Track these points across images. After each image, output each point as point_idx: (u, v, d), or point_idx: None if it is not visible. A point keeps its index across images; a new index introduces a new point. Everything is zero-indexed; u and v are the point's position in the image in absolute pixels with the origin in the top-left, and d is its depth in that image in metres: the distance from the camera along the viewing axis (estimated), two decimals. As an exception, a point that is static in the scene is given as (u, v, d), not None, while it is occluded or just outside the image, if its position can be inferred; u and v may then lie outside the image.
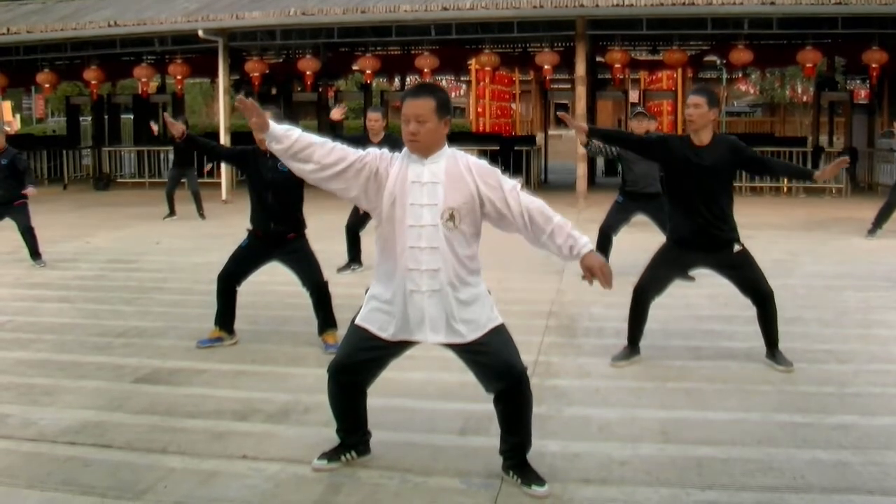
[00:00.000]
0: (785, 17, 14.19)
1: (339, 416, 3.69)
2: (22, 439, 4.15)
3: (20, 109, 41.67)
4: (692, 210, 5.06)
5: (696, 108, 4.98)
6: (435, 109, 3.34)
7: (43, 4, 19.50)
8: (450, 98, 3.50)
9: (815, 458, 3.82)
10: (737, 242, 5.15)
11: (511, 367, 3.44)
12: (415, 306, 3.38)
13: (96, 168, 21.46)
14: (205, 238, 11.22)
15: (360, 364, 3.55)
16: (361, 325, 3.51)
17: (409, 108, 3.34)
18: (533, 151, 18.66)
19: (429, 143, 3.37)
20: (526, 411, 3.52)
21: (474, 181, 3.38)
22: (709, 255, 5.17)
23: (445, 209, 3.34)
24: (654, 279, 5.27)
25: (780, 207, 14.41)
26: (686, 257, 5.24)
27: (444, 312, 3.39)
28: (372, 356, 3.54)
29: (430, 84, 3.66)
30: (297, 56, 19.23)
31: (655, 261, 5.33)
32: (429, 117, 3.33)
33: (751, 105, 43.88)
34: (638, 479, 3.64)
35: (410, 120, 3.34)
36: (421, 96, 3.36)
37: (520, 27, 15.78)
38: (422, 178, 3.35)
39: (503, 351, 3.45)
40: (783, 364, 5.14)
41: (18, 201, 9.07)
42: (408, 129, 3.34)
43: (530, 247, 3.57)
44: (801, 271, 8.39)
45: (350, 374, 3.56)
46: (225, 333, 5.78)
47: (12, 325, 6.53)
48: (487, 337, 3.43)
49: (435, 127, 3.35)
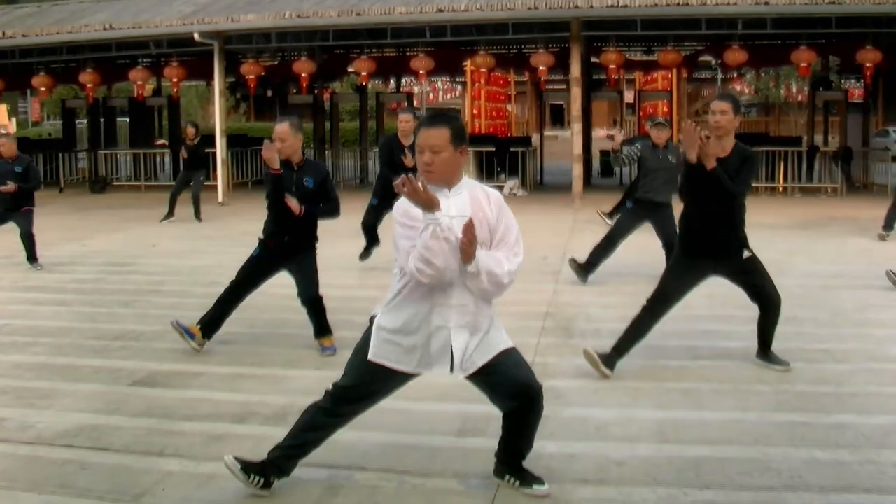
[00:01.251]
0: (779, 17, 14.24)
1: (302, 435, 3.49)
2: (19, 442, 4.15)
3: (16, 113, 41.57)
4: (708, 217, 5.00)
5: (723, 115, 4.93)
6: (450, 139, 3.24)
7: (39, 8, 19.50)
8: (465, 126, 3.41)
9: (813, 458, 3.83)
10: (746, 248, 5.13)
11: (528, 385, 3.41)
12: (439, 341, 3.32)
13: (92, 171, 21.43)
14: (201, 241, 11.22)
15: (370, 396, 3.48)
16: (376, 362, 3.38)
17: (423, 139, 3.25)
18: (529, 152, 18.68)
19: (445, 174, 3.27)
20: (535, 426, 3.52)
21: (492, 213, 3.32)
22: (719, 261, 5.13)
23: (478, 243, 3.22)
24: (669, 291, 5.20)
25: (776, 206, 14.43)
26: (697, 265, 5.17)
27: (469, 346, 3.34)
28: (383, 388, 3.48)
29: (445, 113, 3.51)
30: (293, 58, 19.20)
31: (669, 272, 5.31)
32: (444, 147, 3.23)
33: (746, 105, 43.82)
34: (636, 480, 3.64)
35: (425, 150, 3.24)
36: (435, 126, 3.25)
37: (515, 28, 15.81)
38: (449, 211, 3.21)
39: (517, 371, 3.42)
40: (779, 364, 5.15)
41: (25, 208, 9.13)
42: (422, 159, 3.25)
43: (527, 249, 3.56)
44: (796, 271, 8.41)
45: (354, 404, 3.48)
46: (200, 336, 5.69)
47: (9, 328, 6.52)
48: (498, 358, 3.38)
49: (450, 157, 3.25)
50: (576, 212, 13.68)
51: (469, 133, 24.57)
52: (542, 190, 18.87)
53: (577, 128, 15.54)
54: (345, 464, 3.80)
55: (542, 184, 19.89)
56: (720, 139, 4.97)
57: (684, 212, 5.22)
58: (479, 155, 18.14)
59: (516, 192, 17.28)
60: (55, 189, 19.85)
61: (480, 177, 17.96)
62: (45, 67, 18.92)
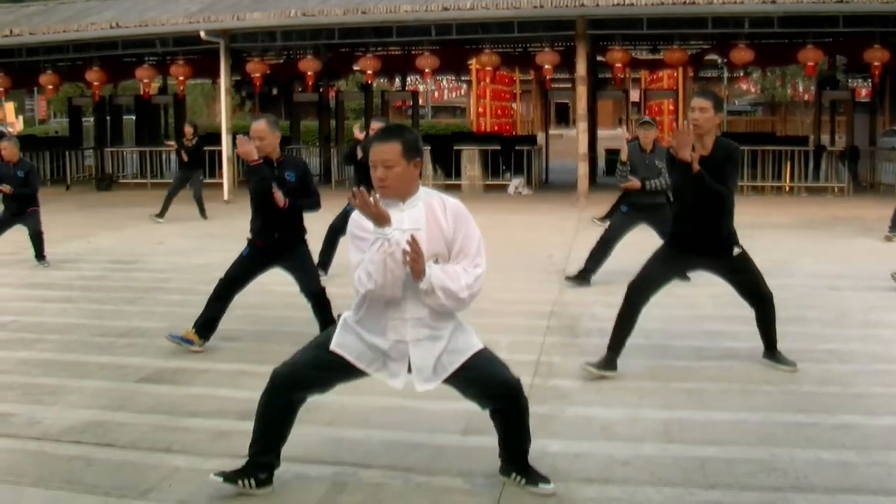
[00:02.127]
0: (786, 15, 14.19)
1: (262, 428, 3.47)
2: (26, 438, 4.17)
3: (23, 111, 41.72)
4: (695, 216, 4.97)
5: (702, 112, 4.84)
6: (402, 153, 3.22)
7: (45, 6, 19.53)
8: (419, 138, 3.36)
9: (819, 459, 3.82)
10: (736, 246, 5.10)
11: (504, 381, 3.41)
12: (401, 355, 3.32)
13: (99, 169, 21.47)
14: (207, 238, 11.24)
15: (315, 379, 3.46)
16: (336, 352, 3.40)
17: (375, 154, 3.24)
18: (534, 151, 18.67)
19: (399, 188, 3.26)
20: (525, 420, 3.50)
21: (448, 224, 3.28)
22: (708, 259, 5.11)
23: (430, 256, 3.21)
24: (651, 278, 5.14)
25: (782, 206, 14.41)
26: (685, 260, 5.17)
27: (430, 358, 3.33)
28: (332, 377, 3.47)
29: (397, 126, 3.49)
30: (298, 57, 19.23)
31: (654, 260, 5.23)
32: (396, 161, 3.21)
33: (752, 104, 43.91)
34: (641, 479, 3.64)
35: (378, 165, 3.23)
36: (387, 141, 3.24)
37: (520, 27, 15.78)
38: (402, 225, 3.21)
39: (491, 368, 3.41)
40: (786, 364, 5.14)
41: (31, 209, 9.18)
42: (376, 174, 3.23)
43: (532, 248, 3.55)
44: (802, 271, 8.40)
45: (298, 387, 3.45)
46: (198, 338, 5.71)
47: (16, 325, 6.55)
48: (471, 361, 3.37)
49: (403, 171, 3.23)
50: (581, 211, 13.66)
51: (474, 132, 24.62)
52: (548, 189, 18.85)
53: (582, 126, 15.52)
54: (350, 461, 3.82)
55: (547, 182, 19.87)
56: (701, 137, 4.88)
57: (674, 210, 5.22)
58: (485, 154, 18.13)
59: (521, 190, 17.27)
60: (62, 187, 19.90)
61: (486, 175, 17.99)
62: (51, 65, 18.96)
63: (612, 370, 5.03)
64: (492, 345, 5.65)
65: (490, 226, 12.84)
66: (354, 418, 4.37)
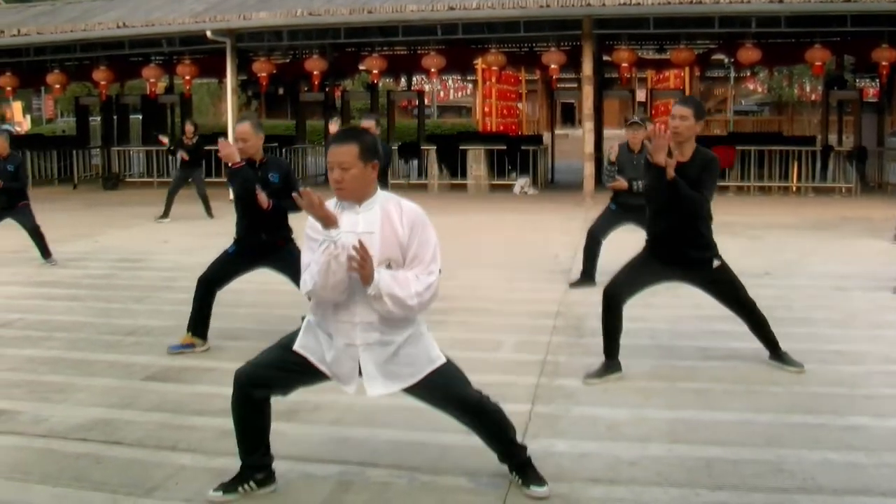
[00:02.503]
0: (793, 15, 14.17)
1: (240, 430, 3.47)
2: (34, 436, 4.18)
3: (30, 110, 41.84)
4: (668, 219, 4.86)
5: (682, 120, 4.72)
6: (358, 155, 3.20)
7: (52, 6, 19.59)
8: (376, 141, 3.35)
9: (826, 460, 3.81)
10: (716, 258, 5.00)
11: (463, 400, 3.40)
12: (349, 358, 3.30)
13: (105, 168, 21.53)
14: (213, 237, 11.20)
15: (278, 379, 3.44)
16: (300, 353, 3.39)
17: (332, 156, 3.22)
18: (540, 151, 18.65)
19: (355, 190, 3.24)
20: (496, 428, 3.48)
21: (403, 229, 3.24)
22: (686, 271, 5.01)
23: (382, 260, 3.20)
24: (628, 282, 5.05)
25: (789, 206, 14.37)
26: (664, 270, 5.03)
27: (380, 363, 3.31)
28: (295, 378, 3.46)
29: (354, 129, 3.47)
30: (304, 56, 19.23)
31: (633, 264, 5.11)
32: (353, 164, 3.19)
33: (758, 104, 43.76)
34: (647, 480, 3.63)
35: (334, 167, 3.21)
36: (343, 143, 3.22)
37: (526, 27, 15.79)
38: (356, 227, 3.21)
39: (449, 387, 3.39)
40: (793, 365, 5.10)
41: (21, 203, 9.16)
42: (332, 176, 3.23)
43: (538, 248, 3.55)
44: (809, 271, 8.37)
45: (261, 386, 3.41)
46: (198, 339, 5.72)
47: (23, 322, 6.57)
48: (429, 378, 3.35)
49: (360, 173, 3.21)
50: (587, 210, 13.63)
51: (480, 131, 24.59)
52: (553, 188, 18.83)
53: (588, 126, 15.51)
54: (356, 460, 3.82)
55: (552, 182, 19.86)
56: (680, 145, 4.78)
57: (649, 216, 5.06)
58: (490, 153, 18.12)
59: (527, 190, 17.25)
60: (69, 185, 19.97)
61: (492, 175, 17.98)
62: (58, 65, 19.02)
63: (617, 372, 5.01)
64: (497, 345, 5.72)
65: (495, 225, 12.94)
66: (360, 417, 4.37)
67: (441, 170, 18.59)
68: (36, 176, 19.70)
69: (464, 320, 6.32)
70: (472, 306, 6.71)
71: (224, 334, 5.97)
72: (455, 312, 6.42)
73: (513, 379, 4.91)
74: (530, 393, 4.75)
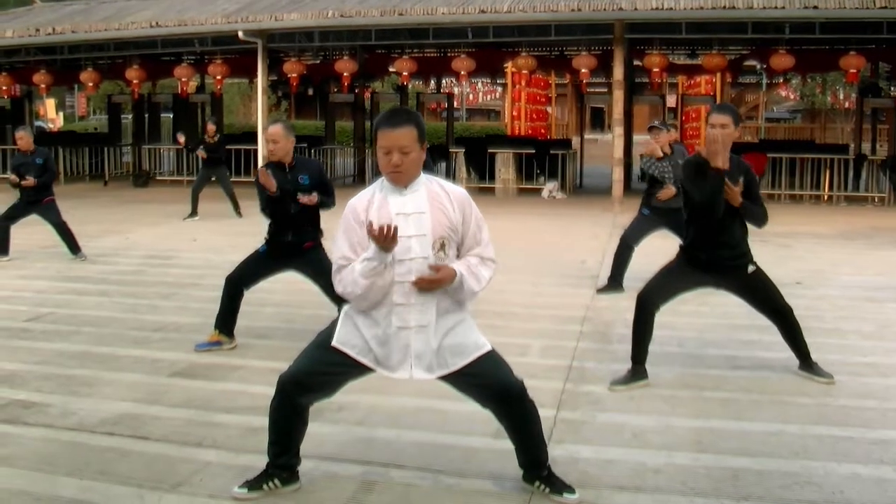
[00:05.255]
0: (827, 21, 14.00)
1: (276, 432, 3.47)
2: (62, 428, 4.23)
3: (63, 107, 42.44)
4: (708, 235, 4.86)
5: (723, 129, 4.67)
6: (417, 138, 3.16)
7: (87, 5, 19.85)
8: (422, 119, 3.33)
9: (855, 473, 3.75)
10: (751, 263, 4.98)
11: (508, 387, 3.34)
12: (400, 343, 3.24)
13: (136, 165, 21.78)
14: (241, 236, 11.29)
15: (323, 384, 3.40)
16: (339, 349, 3.33)
17: (390, 140, 3.13)
18: (569, 155, 18.60)
19: (412, 173, 3.21)
20: (533, 424, 3.43)
21: (454, 208, 3.23)
22: (721, 277, 4.99)
23: (436, 239, 3.18)
24: (663, 289, 5.03)
25: (820, 215, 14.20)
26: (699, 276, 5.02)
27: (431, 347, 3.25)
28: (339, 379, 3.42)
29: (406, 110, 3.38)
30: (335, 57, 19.36)
31: (667, 271, 5.11)
32: (412, 147, 3.15)
33: (791, 111, 43.31)
34: (672, 488, 3.60)
35: (393, 151, 3.13)
36: (401, 125, 3.14)
37: (557, 30, 15.75)
38: (405, 209, 3.19)
39: (495, 373, 3.33)
40: (822, 375, 5.04)
41: (47, 199, 9.26)
42: (390, 161, 3.14)
43: (565, 252, 3.53)
44: (840, 282, 8.26)
45: (307, 392, 3.39)
46: (224, 337, 5.74)
47: (53, 316, 6.65)
48: (476, 363, 3.30)
49: (418, 155, 3.18)
50: (615, 216, 13.57)
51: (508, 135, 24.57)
52: (582, 193, 18.76)
53: (618, 131, 15.43)
54: (381, 461, 3.82)
55: (581, 187, 19.79)
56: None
57: (687, 223, 5.02)
58: (519, 157, 18.09)
59: (555, 195, 17.20)
60: (100, 182, 20.21)
61: (520, 179, 17.94)
62: (92, 63, 19.28)
63: (643, 379, 4.97)
64: (523, 349, 5.70)
65: (523, 230, 12.90)
66: (385, 418, 4.37)
67: (469, 173, 18.59)
68: (67, 172, 19.98)
69: (490, 324, 6.29)
70: (499, 310, 6.69)
71: (251, 332, 6.01)
72: (482, 316, 6.36)
73: (538, 384, 4.85)
74: (556, 398, 4.72)
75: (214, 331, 5.76)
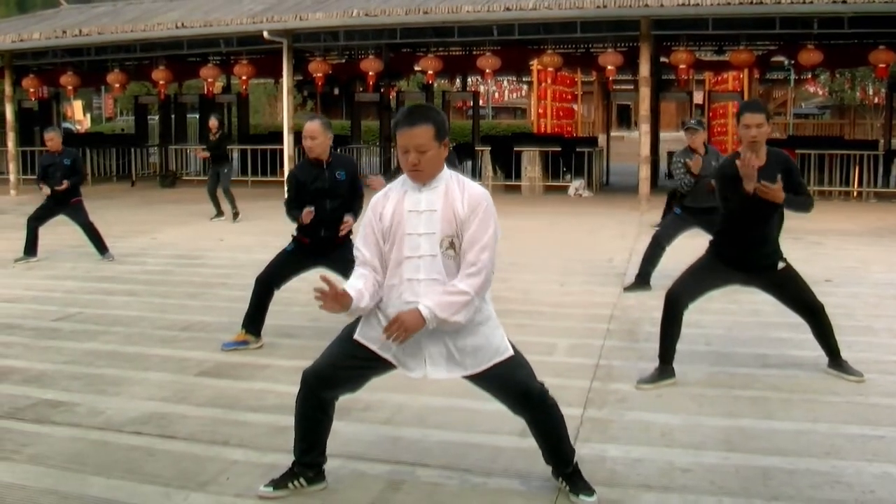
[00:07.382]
0: (856, 15, 13.78)
1: (301, 429, 3.45)
2: (90, 427, 4.27)
3: (90, 108, 42.95)
4: (741, 232, 4.85)
5: (759, 128, 4.69)
6: (434, 136, 3.13)
7: (113, 7, 20.06)
8: (446, 117, 3.28)
9: (886, 473, 3.69)
10: (781, 260, 4.95)
11: (527, 392, 3.28)
12: (414, 341, 3.19)
13: (163, 166, 21.98)
14: (268, 236, 11.36)
15: (345, 378, 3.39)
16: (361, 343, 3.33)
17: (407, 139, 3.11)
18: (595, 153, 18.50)
19: (431, 172, 3.19)
20: (556, 427, 3.38)
21: (463, 207, 3.17)
22: (752, 274, 4.96)
23: (444, 238, 3.15)
24: (691, 286, 5.00)
25: (850, 212, 14.01)
26: (728, 274, 5.00)
27: (443, 347, 3.22)
28: (361, 373, 3.40)
29: (424, 107, 3.31)
30: (360, 57, 19.39)
31: (696, 268, 5.08)
32: (429, 145, 3.12)
33: (819, 107, 42.81)
34: (701, 488, 3.56)
35: (410, 150, 3.12)
36: (418, 124, 3.12)
37: (583, 27, 15.67)
38: (419, 206, 3.18)
39: (513, 380, 3.28)
40: (852, 374, 4.97)
41: (74, 199, 9.35)
42: (408, 160, 3.13)
43: (592, 251, 3.49)
44: (871, 279, 8.14)
45: (330, 386, 3.38)
46: (252, 337, 5.76)
47: (82, 316, 6.72)
48: (493, 369, 3.26)
49: (436, 153, 3.16)
50: (642, 214, 13.49)
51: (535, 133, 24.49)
52: (608, 191, 18.66)
53: (644, 128, 15.31)
54: (407, 460, 3.81)
55: (607, 185, 19.68)
56: (757, 150, 4.74)
57: (723, 225, 5.01)
58: (545, 155, 18.03)
59: (582, 192, 17.12)
60: (127, 183, 20.42)
61: (546, 177, 17.87)
62: (118, 64, 19.46)
63: (670, 378, 4.93)
64: (550, 348, 5.67)
65: (549, 228, 12.85)
66: (412, 417, 4.37)
67: (495, 171, 18.55)
68: (95, 173, 20.21)
69: (517, 322, 6.27)
70: (526, 309, 6.66)
71: (278, 332, 6.03)
72: (508, 315, 6.36)
73: (565, 382, 4.85)
74: (583, 397, 4.69)
75: (241, 330, 5.79)
